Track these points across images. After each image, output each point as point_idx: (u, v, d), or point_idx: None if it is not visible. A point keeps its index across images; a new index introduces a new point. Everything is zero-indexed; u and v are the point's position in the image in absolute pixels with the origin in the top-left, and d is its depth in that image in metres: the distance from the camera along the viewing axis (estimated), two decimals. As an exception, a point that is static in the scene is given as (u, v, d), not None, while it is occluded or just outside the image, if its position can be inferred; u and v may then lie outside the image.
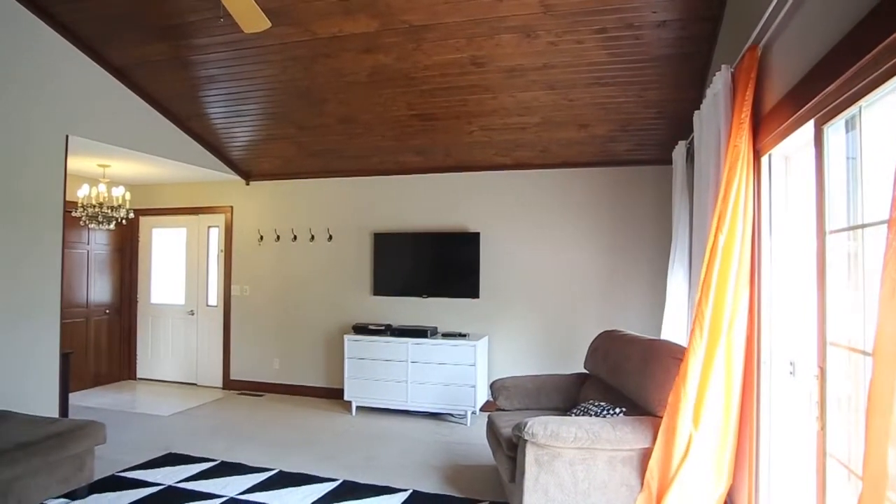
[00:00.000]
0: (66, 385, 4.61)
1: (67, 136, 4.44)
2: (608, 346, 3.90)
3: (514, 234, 5.76)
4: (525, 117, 4.80)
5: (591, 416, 3.24)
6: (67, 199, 4.49)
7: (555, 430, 2.91)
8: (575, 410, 3.47)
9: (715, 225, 2.64)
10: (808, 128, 2.04)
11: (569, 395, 4.08)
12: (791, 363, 2.44)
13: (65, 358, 4.53)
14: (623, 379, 3.47)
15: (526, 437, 2.94)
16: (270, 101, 5.02)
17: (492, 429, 3.73)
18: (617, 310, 5.42)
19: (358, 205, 6.33)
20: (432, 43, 3.97)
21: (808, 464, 2.18)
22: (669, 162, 4.69)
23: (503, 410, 4.04)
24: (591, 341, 4.24)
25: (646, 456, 2.91)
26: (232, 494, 3.63)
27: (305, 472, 4.04)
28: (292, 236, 6.57)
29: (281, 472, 4.04)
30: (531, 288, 5.70)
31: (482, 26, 3.74)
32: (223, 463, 4.21)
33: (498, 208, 5.82)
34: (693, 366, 2.70)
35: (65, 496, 3.49)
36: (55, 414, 4.35)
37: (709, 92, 3.14)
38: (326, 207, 6.46)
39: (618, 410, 3.24)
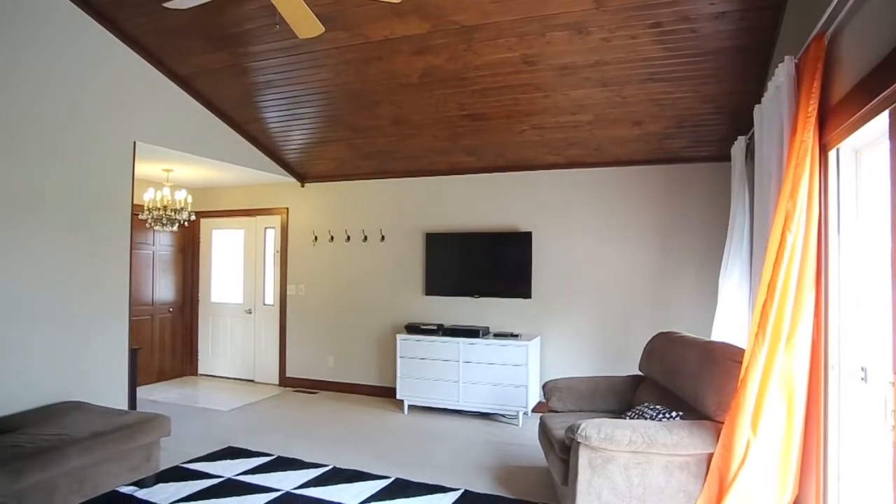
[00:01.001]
0: (135, 379, 4.83)
1: (135, 143, 4.66)
2: (664, 348, 3.80)
3: (566, 234, 5.69)
4: (578, 115, 4.74)
5: (646, 419, 3.17)
6: (134, 202, 4.72)
7: (609, 432, 2.86)
8: (629, 413, 3.40)
9: (782, 223, 2.52)
10: (882, 119, 1.93)
11: (623, 398, 4.00)
12: (863, 369, 2.32)
13: (133, 353, 4.76)
14: (679, 382, 3.38)
15: (579, 440, 2.90)
16: (324, 104, 5.13)
17: (544, 430, 3.69)
18: (671, 311, 5.28)
19: (410, 205, 6.39)
20: (483, 43, 3.97)
21: (882, 477, 2.06)
22: (727, 158, 4.54)
23: (555, 412, 3.99)
24: (645, 343, 4.15)
25: (704, 461, 2.82)
26: (288, 489, 3.72)
27: (358, 468, 4.10)
28: (346, 237, 6.69)
29: (335, 467, 4.12)
30: (584, 288, 5.61)
31: (533, 24, 3.71)
32: (279, 458, 4.32)
33: (550, 208, 5.76)
34: (753, 369, 2.59)
35: (134, 484, 3.67)
36: (125, 406, 4.57)
37: (770, 85, 3.01)
38: (379, 208, 6.54)
39: (674, 414, 3.15)
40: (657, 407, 3.29)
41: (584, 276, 5.62)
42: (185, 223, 6.19)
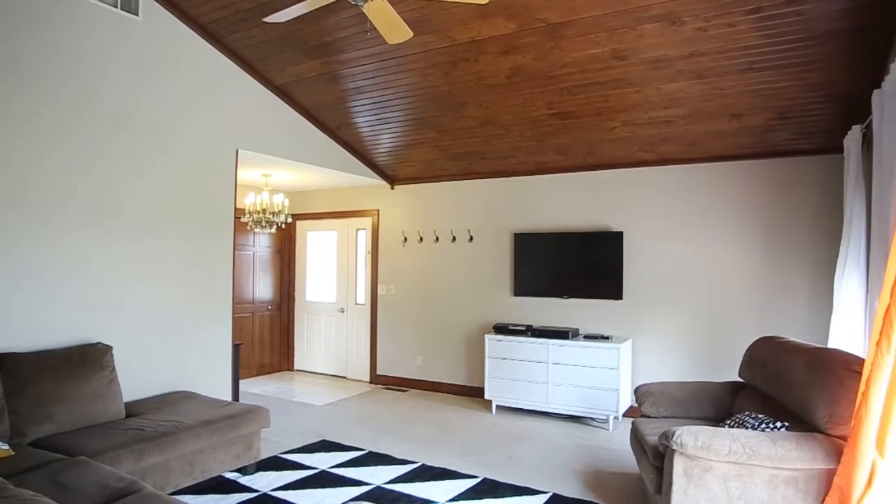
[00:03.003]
0: (237, 373, 5.14)
1: (237, 150, 4.96)
2: (767, 354, 3.57)
3: (659, 233, 5.48)
4: (671, 110, 4.55)
5: (747, 428, 2.99)
6: (236, 206, 5.02)
7: (706, 441, 2.73)
8: (728, 422, 3.22)
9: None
10: None
11: (721, 405, 3.80)
12: None
13: (236, 349, 5.06)
14: (784, 390, 3.16)
15: (674, 447, 2.79)
16: (413, 107, 5.23)
17: (636, 436, 3.58)
18: (775, 315, 4.95)
19: (498, 206, 6.39)
20: (571, 39, 3.90)
21: None
22: (838, 150, 4.20)
23: (648, 417, 3.86)
24: (745, 348, 3.92)
25: (815, 478, 2.63)
26: (379, 483, 3.83)
27: (447, 467, 4.15)
28: (435, 238, 6.78)
29: (423, 465, 4.19)
30: (679, 289, 5.38)
31: (623, 18, 3.61)
32: (371, 452, 4.45)
33: (642, 206, 5.57)
34: (876, 381, 2.37)
35: (237, 470, 3.91)
36: (228, 398, 4.87)
37: (893, 67, 2.76)
38: (467, 209, 6.59)
39: (779, 425, 2.96)
40: (759, 416, 3.10)
41: (679, 277, 5.39)
42: (283, 225, 6.51)
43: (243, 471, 3.92)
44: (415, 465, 4.17)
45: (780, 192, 4.99)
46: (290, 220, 6.50)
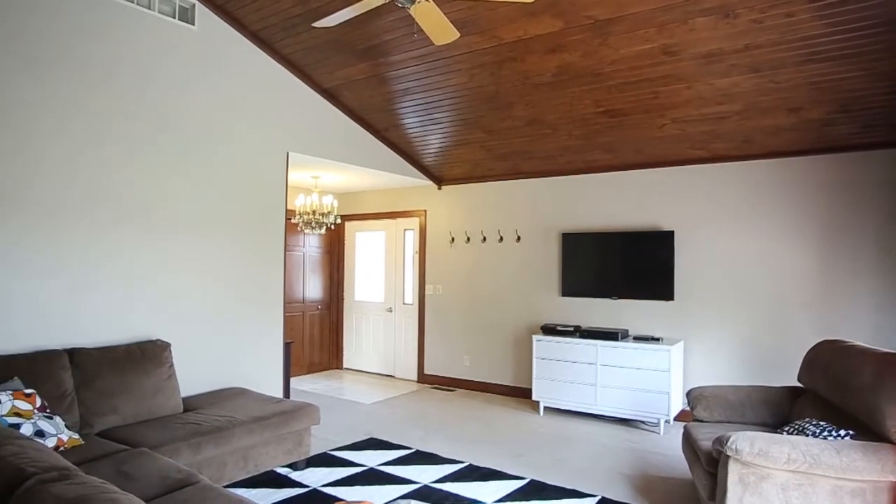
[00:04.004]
0: (288, 371, 5.27)
1: (288, 153, 5.08)
2: (829, 358, 3.42)
3: (712, 233, 5.33)
4: (724, 106, 4.42)
5: (807, 436, 2.88)
6: (287, 207, 5.14)
7: (763, 447, 2.63)
8: (787, 428, 3.10)
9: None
10: None
11: (778, 411, 3.66)
12: None
13: (287, 347, 5.19)
14: (849, 397, 3.02)
15: (728, 453, 2.70)
16: (459, 108, 5.24)
17: (688, 440, 3.49)
18: (837, 317, 4.74)
19: (546, 205, 6.34)
20: (619, 36, 3.84)
21: None
22: (910, 144, 3.99)
23: (701, 421, 3.75)
24: (805, 352, 3.76)
25: (883, 490, 2.51)
26: (426, 482, 3.85)
27: (494, 467, 4.14)
28: (482, 238, 6.78)
29: (471, 465, 4.19)
30: (733, 290, 5.22)
31: (674, 12, 3.52)
32: (418, 451, 4.48)
33: (694, 205, 5.42)
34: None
35: (288, 466, 4.00)
36: (279, 395, 5.00)
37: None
38: (514, 209, 6.56)
39: (843, 433, 2.83)
40: (821, 423, 2.97)
41: (733, 277, 5.22)
42: (332, 226, 6.63)
43: (294, 466, 4.01)
44: (462, 465, 4.18)
45: (842, 188, 4.77)
46: (339, 220, 6.62)
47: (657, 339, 5.26)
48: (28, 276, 3.49)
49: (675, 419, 5.25)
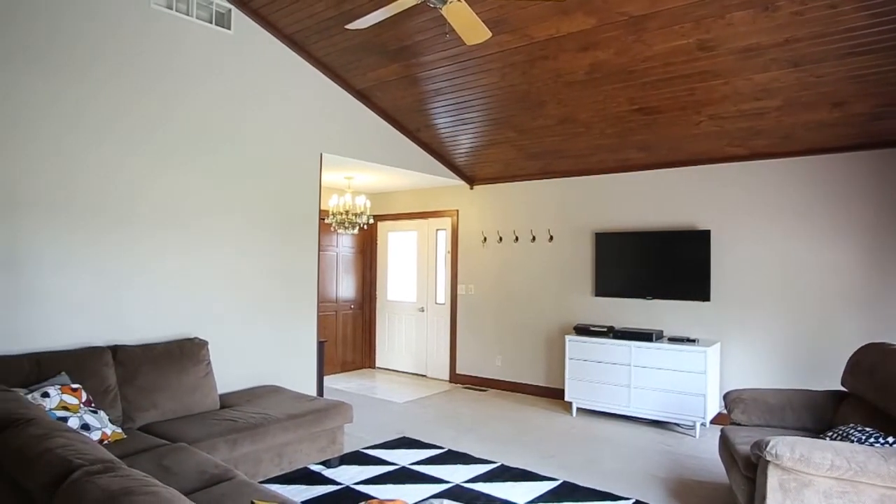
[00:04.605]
0: (322, 369, 5.34)
1: (321, 154, 5.15)
2: (875, 361, 3.30)
3: (750, 232, 5.20)
4: (763, 101, 4.31)
5: (852, 442, 2.79)
6: (321, 207, 5.21)
7: (805, 453, 2.56)
8: (830, 434, 3.01)
9: None
10: None
11: (821, 416, 3.55)
12: None
13: (320, 346, 5.26)
14: (896, 401, 2.92)
15: (768, 458, 2.64)
16: (491, 107, 5.23)
17: (725, 444, 3.41)
18: (883, 319, 4.57)
19: (579, 205, 6.28)
20: (654, 32, 3.78)
21: None
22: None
23: (738, 425, 3.67)
24: (849, 355, 3.64)
25: (929, 496, 2.41)
26: (458, 482, 3.86)
27: (526, 468, 4.12)
28: (514, 237, 6.76)
29: (503, 465, 4.18)
30: (772, 291, 5.08)
31: (710, 6, 3.45)
32: (450, 451, 4.49)
33: (731, 203, 5.30)
34: None
35: (321, 463, 4.05)
36: (313, 393, 5.06)
37: None
38: (547, 208, 6.52)
39: (891, 440, 2.73)
40: (867, 429, 2.88)
41: (772, 277, 5.08)
42: (365, 226, 6.69)
43: (327, 464, 4.06)
44: (494, 465, 4.17)
45: (891, 185, 4.61)
46: (371, 220, 6.67)
47: (693, 341, 5.17)
48: (73, 275, 3.61)
49: (712, 422, 5.14)
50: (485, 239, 7.00)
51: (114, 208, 3.80)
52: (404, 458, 4.32)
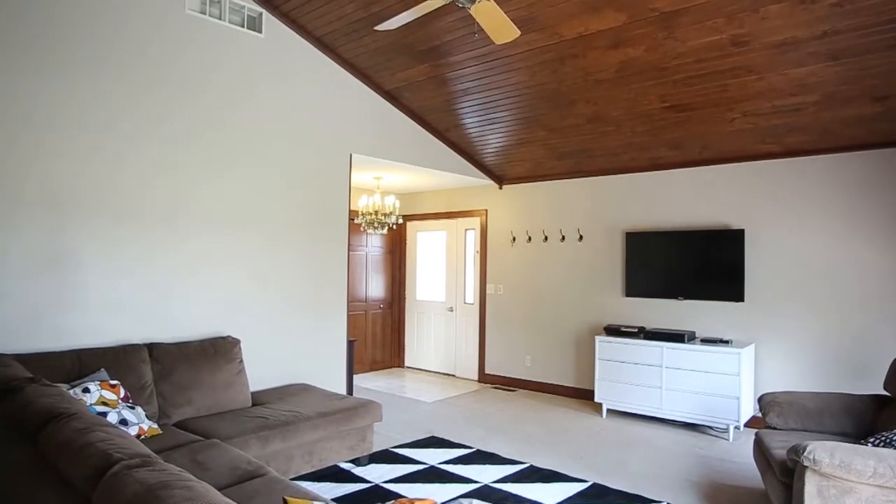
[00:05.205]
0: (352, 368, 5.39)
1: (351, 155, 5.19)
2: (919, 365, 3.20)
3: (786, 230, 5.08)
4: (799, 97, 4.20)
5: (895, 448, 2.70)
6: (350, 208, 5.26)
7: (845, 459, 2.49)
8: (872, 440, 2.92)
9: None
10: None
11: (861, 421, 3.45)
12: None
13: (350, 345, 5.30)
14: (941, 406, 2.82)
15: (805, 463, 2.57)
16: (520, 106, 5.21)
17: (760, 448, 3.34)
18: (931, 320, 4.42)
19: (608, 204, 6.21)
20: (685, 28, 3.71)
21: None
22: None
23: (774, 429, 3.58)
24: (892, 358, 3.53)
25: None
26: (487, 482, 3.85)
27: (555, 469, 4.10)
28: (543, 237, 6.72)
29: (532, 466, 4.16)
30: (809, 291, 4.95)
31: (744, 1, 3.38)
32: (479, 451, 4.49)
33: (766, 202, 5.18)
34: None
35: (351, 461, 4.09)
36: (343, 391, 5.11)
37: None
38: (576, 208, 6.47)
39: (934, 444, 2.64)
40: (909, 433, 2.78)
41: (810, 278, 4.95)
42: (394, 226, 6.73)
43: (357, 462, 4.09)
44: (523, 466, 4.16)
45: (934, 183, 4.45)
46: (400, 220, 6.71)
47: (726, 342, 5.07)
48: (113, 275, 3.72)
49: (746, 426, 5.03)
50: (514, 239, 6.98)
51: (153, 211, 3.90)
52: (433, 457, 4.33)
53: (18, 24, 3.34)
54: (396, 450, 4.47)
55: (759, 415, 3.85)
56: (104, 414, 3.00)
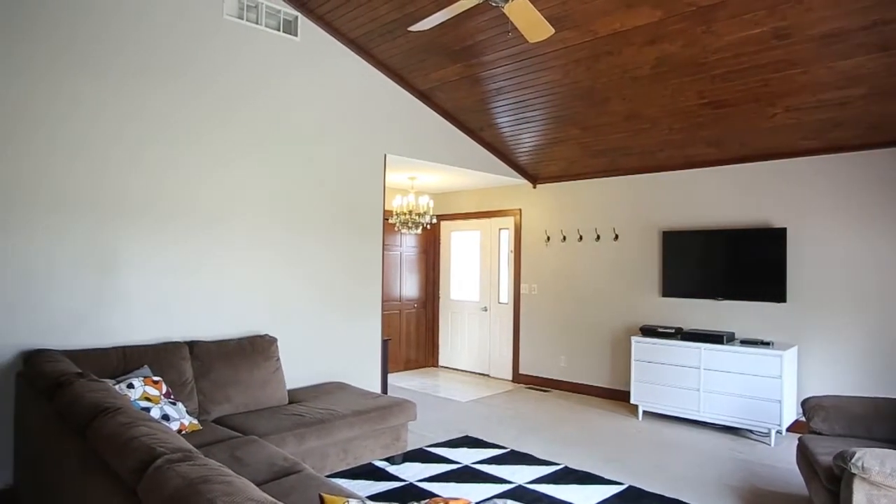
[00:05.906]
0: (386, 367, 5.42)
1: (385, 155, 5.23)
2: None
3: (831, 230, 4.91)
4: (846, 90, 4.06)
5: (947, 454, 2.59)
6: (385, 208, 5.30)
7: None
8: (923, 445, 2.81)
9: None
10: None
11: (913, 426, 3.32)
12: None
13: (384, 344, 5.34)
14: None
15: (854, 471, 2.49)
16: (554, 105, 5.17)
17: (804, 453, 3.24)
18: None
19: (644, 203, 6.12)
20: (724, 22, 3.63)
21: None
22: None
23: (818, 434, 3.47)
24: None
25: None
26: (521, 482, 3.84)
27: (590, 471, 4.05)
28: (578, 236, 6.65)
29: (566, 467, 4.12)
30: (855, 292, 4.78)
31: (787, -7, 3.29)
32: (513, 451, 4.47)
33: (809, 200, 5.03)
34: None
35: (385, 460, 4.12)
36: (377, 390, 5.16)
37: None
38: (611, 207, 6.38)
39: None
40: (964, 440, 2.67)
41: (855, 277, 4.78)
42: (428, 226, 6.75)
43: (391, 460, 4.12)
44: (557, 467, 4.13)
45: None
46: (434, 220, 6.72)
47: (767, 344, 4.93)
48: (156, 275, 3.83)
49: (788, 430, 4.89)
50: (548, 238, 6.92)
51: (194, 213, 4.00)
52: (467, 457, 4.33)
53: (62, 28, 3.46)
54: (430, 449, 4.49)
55: (803, 419, 3.74)
56: (147, 409, 3.09)
